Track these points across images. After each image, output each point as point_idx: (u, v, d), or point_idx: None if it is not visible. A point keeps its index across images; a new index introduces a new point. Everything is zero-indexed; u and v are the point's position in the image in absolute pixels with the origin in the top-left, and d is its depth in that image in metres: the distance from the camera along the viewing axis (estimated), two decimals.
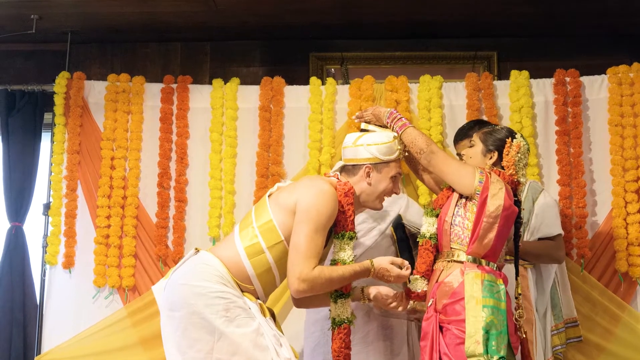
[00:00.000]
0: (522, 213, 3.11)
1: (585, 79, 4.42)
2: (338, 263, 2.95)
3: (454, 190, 3.04)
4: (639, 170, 4.28)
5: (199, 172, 4.50)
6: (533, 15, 4.53)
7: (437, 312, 2.91)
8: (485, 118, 4.35)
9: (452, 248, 2.99)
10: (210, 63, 4.92)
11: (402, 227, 3.65)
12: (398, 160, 3.10)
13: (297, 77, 4.70)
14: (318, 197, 2.87)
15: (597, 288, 4.19)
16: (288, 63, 4.87)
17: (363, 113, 3.28)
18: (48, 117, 4.66)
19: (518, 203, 3.03)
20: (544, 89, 4.43)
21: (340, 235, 2.97)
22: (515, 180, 3.03)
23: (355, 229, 3.04)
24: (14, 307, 4.43)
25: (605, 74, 4.41)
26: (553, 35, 4.78)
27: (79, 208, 4.48)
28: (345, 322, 2.96)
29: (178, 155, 4.51)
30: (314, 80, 4.51)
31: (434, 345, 2.86)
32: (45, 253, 4.45)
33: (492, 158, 3.08)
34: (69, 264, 4.42)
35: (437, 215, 3.07)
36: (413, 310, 3.13)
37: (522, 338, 3.01)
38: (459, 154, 3.74)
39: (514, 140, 3.04)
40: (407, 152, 3.13)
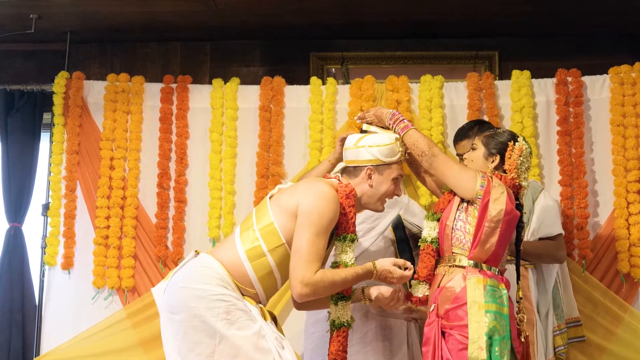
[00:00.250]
0: (523, 217, 3.09)
1: (587, 79, 4.41)
2: (340, 266, 2.93)
3: (455, 194, 3.03)
4: None
5: (199, 172, 4.49)
6: (534, 15, 4.52)
7: (439, 317, 2.90)
8: (487, 118, 4.34)
9: (453, 253, 2.98)
10: (210, 63, 4.91)
11: (402, 227, 3.64)
12: (400, 162, 3.08)
13: (297, 77, 4.69)
14: (319, 199, 2.84)
15: (598, 289, 4.18)
16: (288, 63, 4.85)
17: (365, 114, 3.27)
18: (47, 117, 4.66)
19: (520, 207, 3.02)
20: (546, 89, 4.42)
21: (342, 238, 2.95)
22: (517, 184, 3.02)
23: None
24: (13, 308, 4.42)
25: (607, 74, 4.40)
26: (555, 35, 4.77)
27: (78, 208, 4.47)
28: (345, 325, 2.94)
29: (178, 156, 4.50)
30: (315, 80, 4.50)
31: (437, 351, 2.85)
32: (44, 254, 4.45)
33: (494, 162, 3.06)
34: (68, 265, 4.41)
35: (438, 220, 3.06)
36: (409, 310, 3.11)
37: (524, 343, 3.00)
38: (459, 154, 3.74)
39: (516, 144, 3.03)
40: (408, 154, 3.11)
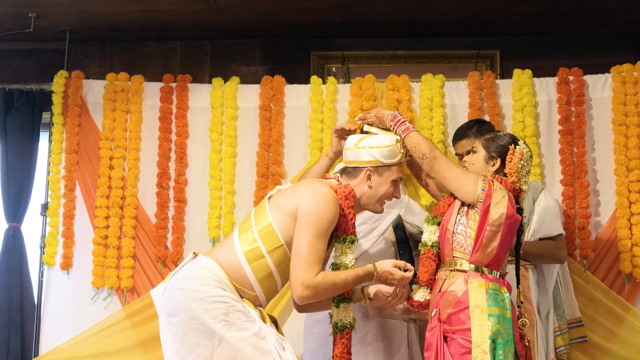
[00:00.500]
0: (524, 220, 3.08)
1: (589, 78, 4.40)
2: (340, 267, 2.91)
3: (456, 198, 3.01)
4: None
5: (199, 172, 4.47)
6: (536, 14, 4.50)
7: (441, 322, 2.88)
8: (488, 117, 4.33)
9: (454, 257, 2.96)
10: (210, 62, 4.90)
11: (402, 227, 3.63)
12: (400, 164, 3.06)
13: (297, 76, 4.67)
14: (319, 201, 2.82)
15: (600, 289, 4.16)
16: (289, 62, 4.84)
17: (366, 115, 3.24)
18: (46, 116, 4.65)
19: (520, 211, 3.01)
20: (547, 88, 4.40)
21: (342, 239, 2.93)
22: (518, 188, 3.00)
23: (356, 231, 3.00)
24: (12, 308, 4.41)
25: (609, 73, 4.38)
26: (556, 34, 4.75)
27: (77, 208, 4.46)
28: (348, 326, 2.93)
29: (177, 155, 4.48)
30: (315, 79, 4.48)
31: (439, 356, 2.83)
32: (43, 254, 4.43)
33: (494, 165, 3.05)
34: (67, 265, 4.40)
35: (438, 224, 3.04)
36: (408, 311, 3.10)
37: (526, 346, 2.99)
38: (458, 154, 3.72)
39: (517, 147, 3.01)
40: (409, 156, 3.09)
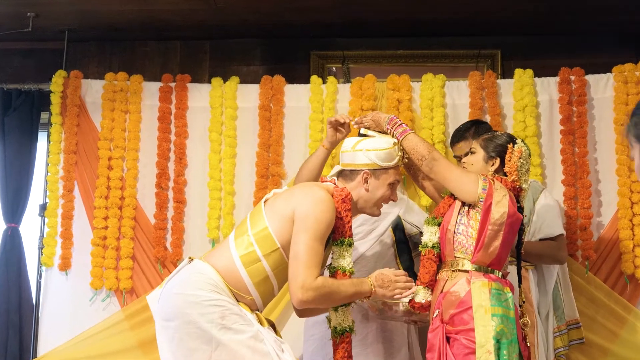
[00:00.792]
0: (524, 220, 3.07)
1: (591, 78, 4.38)
2: (337, 270, 2.90)
3: (456, 198, 3.00)
4: None
5: (198, 172, 4.46)
6: (537, 13, 4.49)
7: (443, 322, 2.87)
8: (489, 117, 4.31)
9: (456, 257, 2.94)
10: (210, 62, 4.88)
11: (401, 228, 3.62)
12: (397, 167, 3.05)
13: (297, 75, 4.66)
14: (316, 205, 2.80)
15: (602, 290, 4.15)
16: (289, 62, 4.83)
17: (362, 119, 3.21)
18: (45, 116, 4.64)
19: (521, 209, 3.00)
20: (549, 88, 4.39)
21: (339, 242, 2.92)
22: (518, 187, 2.99)
23: (354, 232, 2.99)
24: (10, 309, 4.41)
25: (611, 73, 4.37)
26: (558, 34, 4.73)
27: (76, 209, 4.44)
28: (347, 330, 2.92)
29: (177, 155, 4.46)
30: (315, 79, 4.47)
31: (442, 357, 2.82)
32: (42, 255, 4.42)
33: (494, 165, 3.04)
34: (66, 266, 4.38)
35: (439, 224, 3.03)
36: (409, 313, 3.08)
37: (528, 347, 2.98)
38: (457, 156, 3.69)
39: (515, 146, 3.01)
40: (406, 158, 3.08)
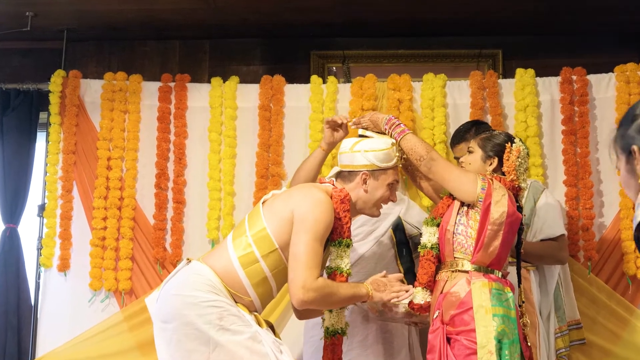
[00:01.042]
0: (524, 219, 3.06)
1: (592, 77, 4.36)
2: (335, 271, 2.89)
3: (455, 198, 2.99)
4: None
5: (198, 172, 4.44)
6: (538, 13, 4.48)
7: (444, 323, 2.86)
8: (490, 117, 4.30)
9: (455, 257, 2.93)
10: (210, 61, 4.87)
11: (401, 228, 3.61)
12: (395, 168, 3.04)
13: (297, 75, 4.65)
14: (315, 206, 2.80)
15: (604, 291, 4.13)
16: (289, 61, 4.81)
17: (360, 119, 3.20)
18: (43, 116, 4.63)
19: (520, 209, 2.99)
20: (550, 88, 4.37)
21: (337, 243, 2.91)
22: (517, 186, 2.99)
23: (354, 233, 2.98)
24: (8, 310, 4.39)
25: (613, 72, 4.35)
26: (559, 33, 4.72)
27: (75, 209, 4.43)
28: (339, 332, 2.93)
29: (176, 156, 4.45)
30: (315, 79, 4.45)
31: (442, 358, 2.81)
32: (40, 255, 4.40)
33: (492, 164, 3.04)
34: (65, 267, 4.36)
35: (438, 225, 3.02)
36: (408, 314, 3.08)
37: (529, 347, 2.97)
38: (457, 158, 3.68)
39: (514, 145, 3.01)
40: (405, 159, 3.07)
